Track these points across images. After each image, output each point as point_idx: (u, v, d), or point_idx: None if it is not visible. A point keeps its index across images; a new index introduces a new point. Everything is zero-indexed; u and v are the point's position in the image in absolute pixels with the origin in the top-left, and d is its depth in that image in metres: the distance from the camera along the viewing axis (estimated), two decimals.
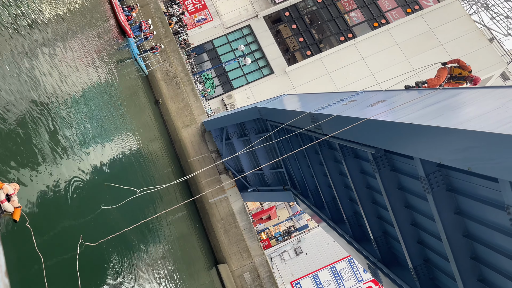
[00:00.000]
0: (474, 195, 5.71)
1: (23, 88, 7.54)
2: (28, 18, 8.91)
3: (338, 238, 12.76)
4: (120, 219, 10.24)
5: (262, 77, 31.70)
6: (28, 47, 8.40)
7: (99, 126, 11.55)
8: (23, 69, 7.81)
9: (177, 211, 17.39)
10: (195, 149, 23.29)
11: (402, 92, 8.42)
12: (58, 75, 9.61)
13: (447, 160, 4.82)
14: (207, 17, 33.62)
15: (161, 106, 24.58)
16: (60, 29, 11.12)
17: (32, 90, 7.89)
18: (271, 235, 35.52)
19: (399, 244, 8.93)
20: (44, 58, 9.10)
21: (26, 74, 7.85)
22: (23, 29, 8.43)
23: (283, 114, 13.55)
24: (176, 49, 26.08)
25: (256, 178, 22.32)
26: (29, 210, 6.45)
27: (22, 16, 8.61)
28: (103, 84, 13.74)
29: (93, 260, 8.19)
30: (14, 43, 7.78)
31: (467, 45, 30.18)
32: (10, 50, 7.50)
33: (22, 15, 8.63)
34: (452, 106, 5.76)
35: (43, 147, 7.56)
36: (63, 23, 11.64)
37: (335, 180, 11.69)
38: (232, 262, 22.05)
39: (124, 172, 12.82)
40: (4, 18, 7.72)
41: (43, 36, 9.50)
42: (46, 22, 10.11)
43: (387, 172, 7.86)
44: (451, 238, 6.24)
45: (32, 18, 9.19)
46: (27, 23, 8.77)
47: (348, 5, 33.13)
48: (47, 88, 8.64)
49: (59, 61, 10.07)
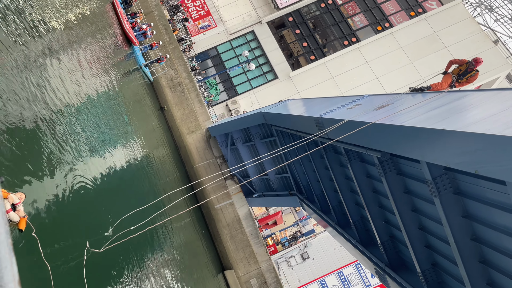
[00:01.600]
0: (482, 198, 5.67)
1: (29, 96, 7.60)
2: (36, 28, 9.02)
3: (345, 243, 12.69)
4: (126, 225, 10.26)
5: (267, 82, 31.77)
6: (36, 55, 8.49)
7: (105, 133, 11.62)
8: (31, 77, 7.88)
9: (183, 217, 17.40)
10: (200, 155, 23.33)
11: (407, 95, 8.41)
12: (65, 83, 9.69)
13: (454, 163, 4.80)
14: (211, 23, 33.82)
15: (166, 112, 24.69)
16: (67, 37, 11.25)
17: (38, 98, 7.96)
18: (278, 241, 35.40)
19: (406, 248, 8.87)
20: (51, 66, 9.20)
21: (33, 82, 7.93)
22: (32, 38, 8.53)
23: (288, 119, 13.56)
24: (180, 56, 26.22)
25: (262, 183, 22.29)
26: (35, 218, 6.35)
27: (31, 25, 8.72)
28: (109, 92, 13.84)
29: (100, 266, 8.21)
30: (23, 51, 7.87)
31: (472, 48, 30.08)
32: (18, 58, 7.59)
33: (30, 24, 8.74)
34: (458, 109, 5.74)
35: (48, 155, 7.58)
36: (70, 31, 11.77)
37: (341, 185, 11.65)
38: (239, 268, 21.98)
39: (130, 179, 12.86)
40: (14, 27, 7.82)
41: (51, 44, 9.61)
42: (54, 31, 10.24)
43: (393, 176, 7.82)
44: (459, 242, 6.19)
45: (41, 27, 9.30)
46: (36, 32, 8.88)
47: (351, 10, 33.19)
48: (52, 96, 8.71)
49: (66, 69, 10.16)
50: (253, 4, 34.40)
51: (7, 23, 7.70)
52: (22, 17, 8.55)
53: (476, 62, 8.60)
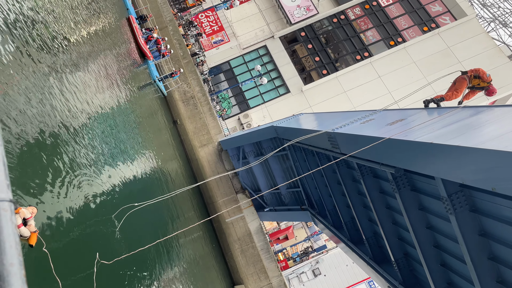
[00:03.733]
0: (499, 216, 5.54)
1: (42, 109, 7.71)
2: (54, 40, 9.24)
3: (357, 260, 12.48)
4: (136, 237, 10.28)
5: (278, 96, 31.89)
6: (51, 68, 8.68)
7: (118, 146, 11.75)
8: (45, 90, 8.03)
9: (193, 231, 17.36)
10: (211, 168, 23.37)
11: (421, 110, 8.33)
12: (79, 97, 9.86)
13: (470, 181, 4.71)
14: (224, 38, 34.25)
15: (179, 126, 24.90)
16: (84, 51, 11.49)
17: (50, 111, 8.08)
18: (289, 256, 35.01)
19: (421, 266, 8.68)
20: (66, 79, 9.38)
21: (47, 95, 8.07)
22: (48, 51, 8.73)
23: (300, 133, 13.54)
24: (193, 70, 26.55)
25: (273, 198, 22.18)
26: (46, 232, 6.30)
27: (48, 38, 8.94)
28: (123, 105, 14.04)
29: (110, 279, 8.19)
30: (39, 64, 8.05)
31: (486, 63, 29.80)
32: (34, 71, 7.76)
33: (47, 37, 8.96)
34: (473, 125, 5.66)
35: (59, 168, 7.54)
36: (87, 46, 12.03)
37: (354, 200, 11.52)
38: (249, 283, 21.74)
39: (141, 191, 12.93)
40: (30, 40, 8.02)
41: (67, 58, 9.82)
42: (71, 45, 10.47)
43: (407, 192, 7.71)
44: (476, 261, 6.03)
45: (58, 41, 9.53)
46: (53, 45, 9.09)
47: (363, 25, 33.30)
48: (65, 109, 8.85)
49: (81, 82, 10.36)
50: (266, 19, 34.79)
51: (28, 35, 7.91)
52: (39, 31, 8.78)
53: (490, 91, 8.28)
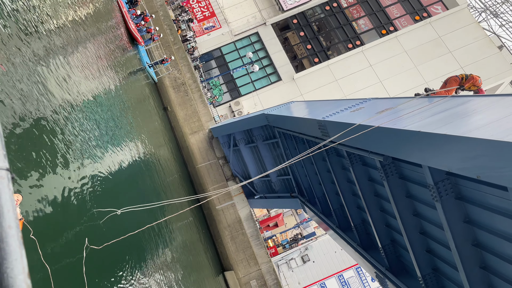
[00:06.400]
0: (484, 203, 5.66)
1: (30, 94, 7.60)
2: (43, 25, 9.07)
3: (345, 246, 12.68)
4: (126, 223, 10.28)
5: (270, 84, 31.81)
6: (40, 53, 8.53)
7: (107, 132, 11.66)
8: (35, 75, 7.91)
9: (184, 217, 17.42)
10: (202, 155, 23.37)
11: (410, 99, 8.41)
12: (68, 82, 9.74)
13: (456, 169, 4.80)
14: (215, 24, 33.90)
15: (169, 112, 24.76)
16: (73, 35, 11.30)
17: (39, 96, 7.97)
18: (278, 243, 35.38)
19: (407, 252, 8.86)
20: (55, 65, 9.24)
21: (36, 79, 7.96)
22: (36, 35, 8.58)
23: (290, 121, 13.58)
24: (184, 56, 26.30)
25: (263, 185, 22.30)
26: (32, 219, 6.24)
27: (36, 23, 8.77)
28: (112, 90, 13.90)
29: (99, 265, 8.22)
30: (27, 48, 7.92)
31: (476, 53, 30.04)
32: (23, 55, 7.63)
33: (35, 22, 8.79)
34: (461, 114, 5.74)
35: (46, 153, 7.45)
36: (75, 30, 11.83)
37: (343, 188, 11.65)
38: (239, 269, 21.98)
39: (131, 177, 12.90)
40: (19, 24, 7.87)
41: (56, 42, 9.66)
42: (60, 29, 10.29)
43: (395, 180, 7.82)
44: (460, 247, 6.18)
45: (46, 25, 9.36)
46: (42, 29, 8.93)
47: (356, 13, 33.20)
48: (54, 94, 8.73)
49: (69, 67, 10.21)
50: (258, 5, 34.47)
51: (16, 20, 7.75)
52: (28, 15, 8.60)
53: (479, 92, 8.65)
